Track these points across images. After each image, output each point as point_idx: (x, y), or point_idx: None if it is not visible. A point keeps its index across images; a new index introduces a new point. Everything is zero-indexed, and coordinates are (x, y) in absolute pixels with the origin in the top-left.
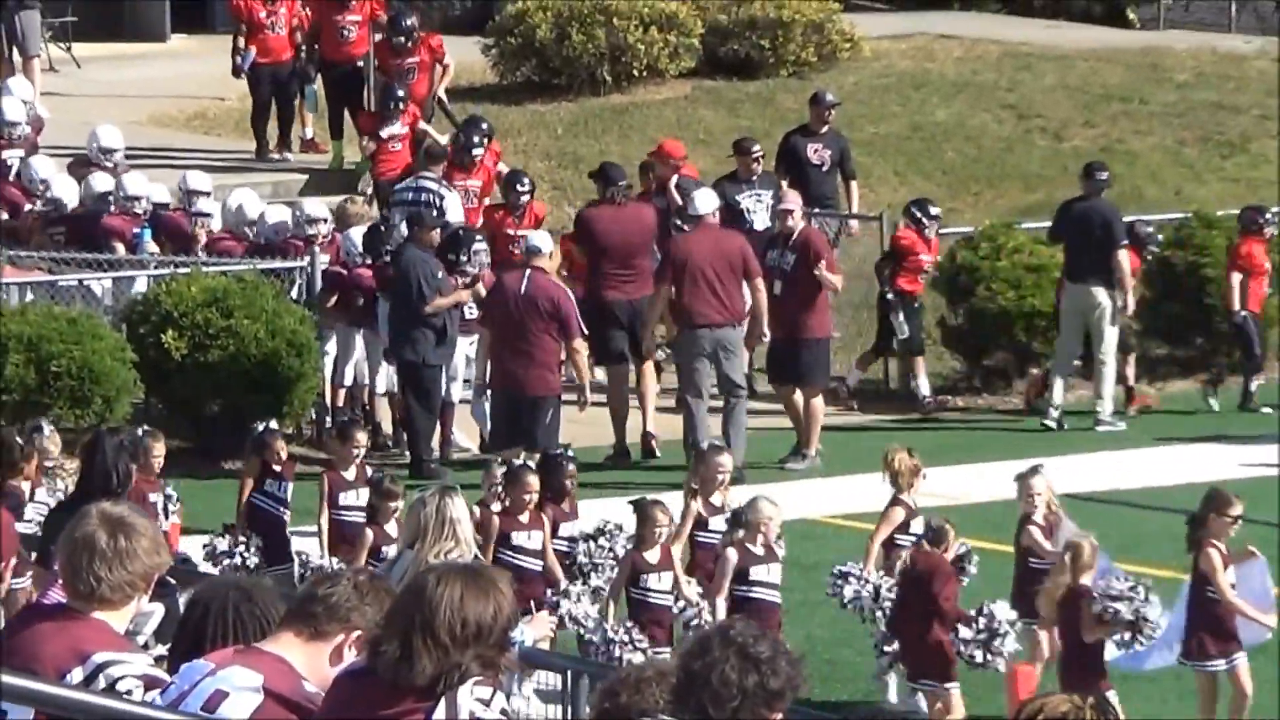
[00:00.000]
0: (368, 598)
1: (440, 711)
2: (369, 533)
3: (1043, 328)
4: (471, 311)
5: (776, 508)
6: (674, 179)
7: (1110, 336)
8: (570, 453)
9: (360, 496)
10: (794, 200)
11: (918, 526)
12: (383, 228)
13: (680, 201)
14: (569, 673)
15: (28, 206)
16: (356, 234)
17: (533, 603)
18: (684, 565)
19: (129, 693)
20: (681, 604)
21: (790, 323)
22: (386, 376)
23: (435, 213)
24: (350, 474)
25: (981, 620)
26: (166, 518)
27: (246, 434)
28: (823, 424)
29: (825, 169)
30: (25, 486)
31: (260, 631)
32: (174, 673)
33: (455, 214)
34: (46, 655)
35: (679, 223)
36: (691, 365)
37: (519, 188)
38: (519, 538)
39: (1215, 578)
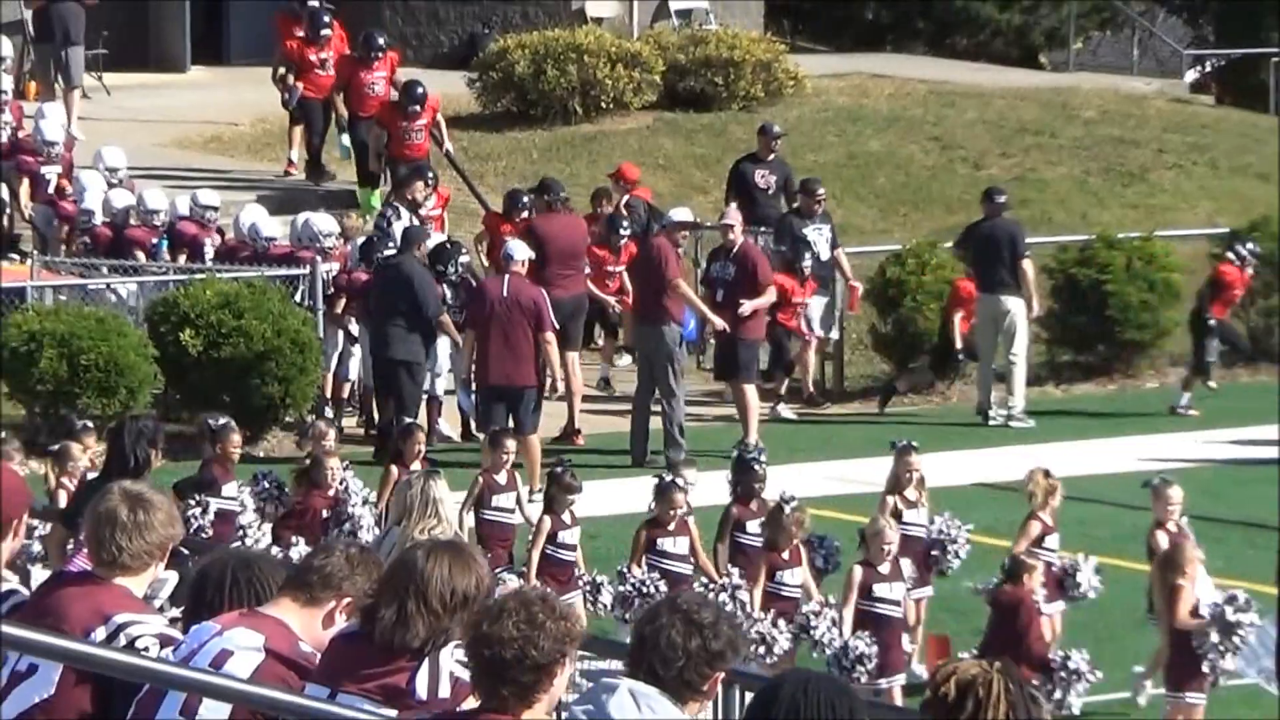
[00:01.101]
0: (358, 569)
1: (424, 670)
2: (547, 520)
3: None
4: (459, 314)
5: (893, 527)
6: (624, 198)
7: (1021, 340)
8: (762, 454)
9: (510, 499)
10: (735, 217)
11: (1052, 542)
12: (375, 239)
13: (626, 215)
14: None
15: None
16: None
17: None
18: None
19: (146, 649)
20: (813, 604)
21: (730, 325)
22: None
23: (382, 234)
24: (502, 478)
25: (1064, 666)
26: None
27: (255, 421)
28: (765, 418)
29: (770, 193)
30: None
31: (255, 597)
32: (186, 633)
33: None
34: (73, 616)
35: (624, 233)
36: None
37: (621, 230)
38: (665, 543)
39: None
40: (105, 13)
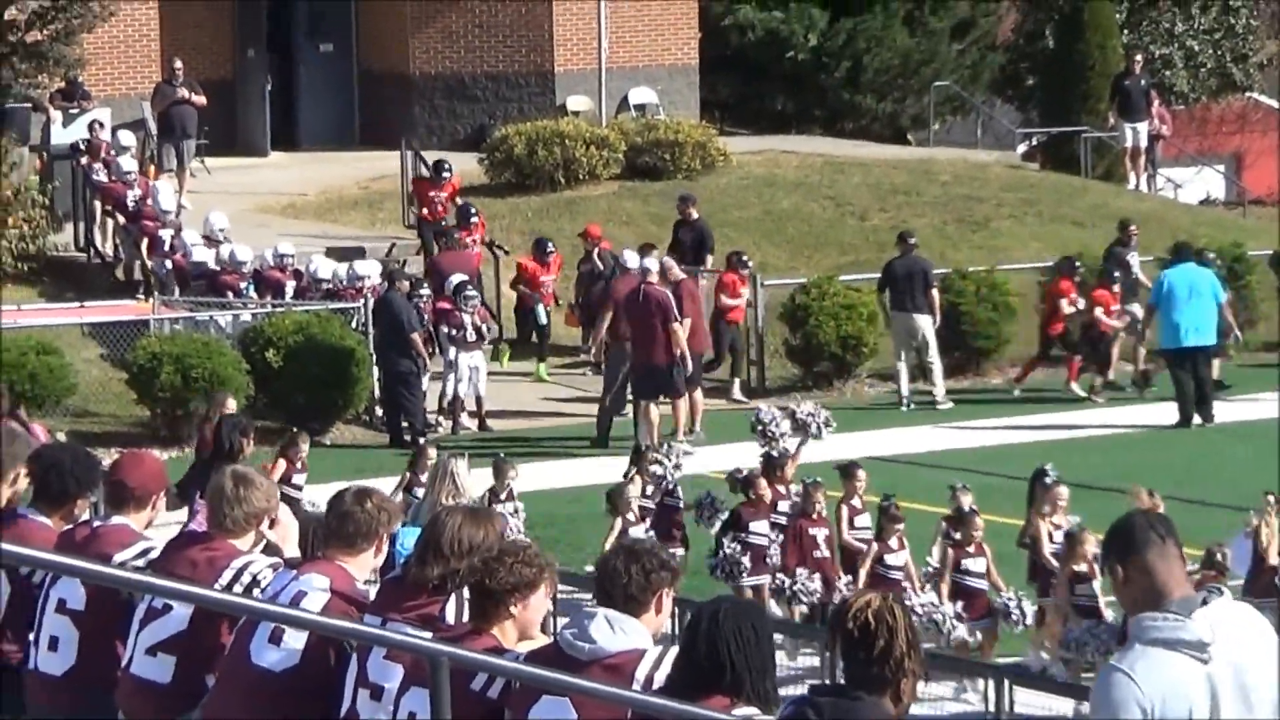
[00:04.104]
0: (381, 514)
1: (452, 602)
2: (875, 545)
3: (853, 346)
4: (471, 335)
5: (1096, 539)
6: (596, 250)
7: (933, 346)
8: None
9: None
10: (670, 263)
11: None
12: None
13: (600, 265)
14: None
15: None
16: (454, 280)
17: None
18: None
19: (261, 578)
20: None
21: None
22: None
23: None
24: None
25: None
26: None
27: (321, 417)
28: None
29: (689, 245)
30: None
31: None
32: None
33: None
34: (203, 563)
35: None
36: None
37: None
38: (968, 563)
39: None
40: (204, 110)
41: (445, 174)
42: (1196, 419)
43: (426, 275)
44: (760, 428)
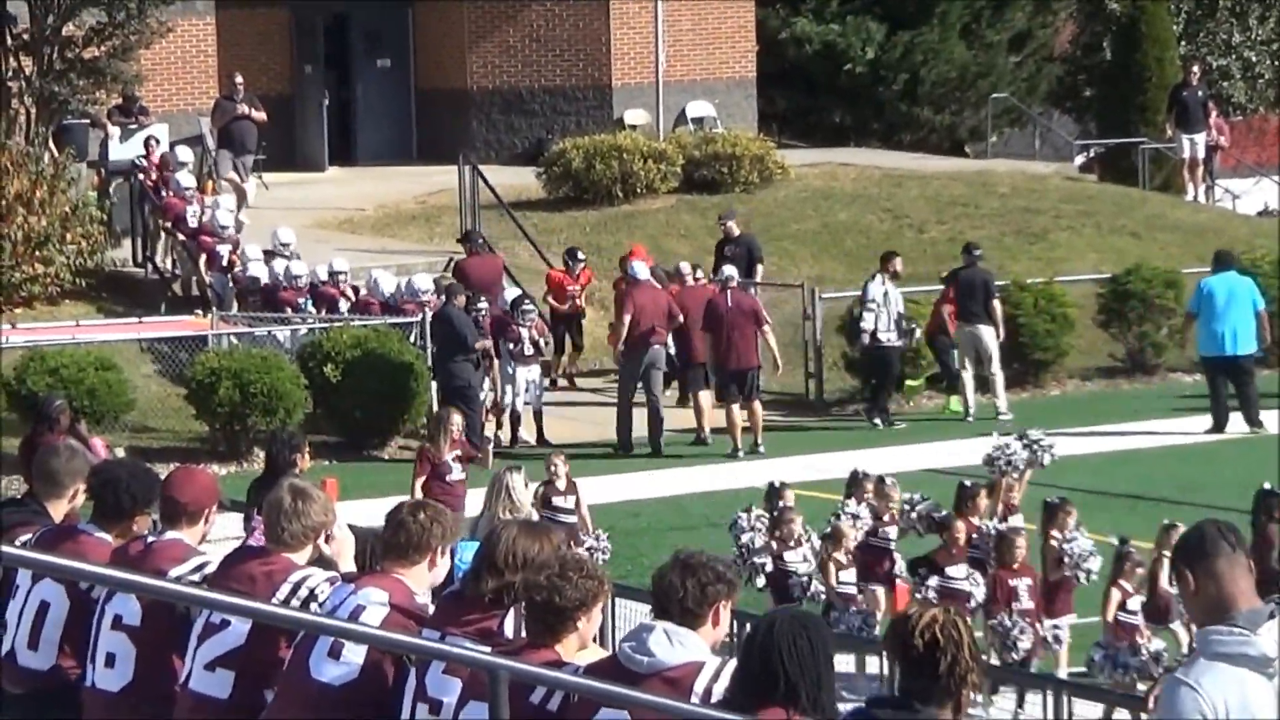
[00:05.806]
0: (434, 527)
1: (510, 616)
2: (1115, 591)
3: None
4: (529, 349)
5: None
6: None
7: (996, 357)
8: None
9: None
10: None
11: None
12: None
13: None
14: None
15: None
16: (509, 295)
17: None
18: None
19: (318, 592)
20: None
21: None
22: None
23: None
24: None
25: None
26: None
27: (380, 431)
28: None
29: (734, 260)
30: None
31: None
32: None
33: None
34: (261, 580)
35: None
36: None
37: (577, 258)
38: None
39: None
40: (262, 126)
41: (580, 261)
42: (1247, 428)
43: (455, 275)
44: (994, 460)
